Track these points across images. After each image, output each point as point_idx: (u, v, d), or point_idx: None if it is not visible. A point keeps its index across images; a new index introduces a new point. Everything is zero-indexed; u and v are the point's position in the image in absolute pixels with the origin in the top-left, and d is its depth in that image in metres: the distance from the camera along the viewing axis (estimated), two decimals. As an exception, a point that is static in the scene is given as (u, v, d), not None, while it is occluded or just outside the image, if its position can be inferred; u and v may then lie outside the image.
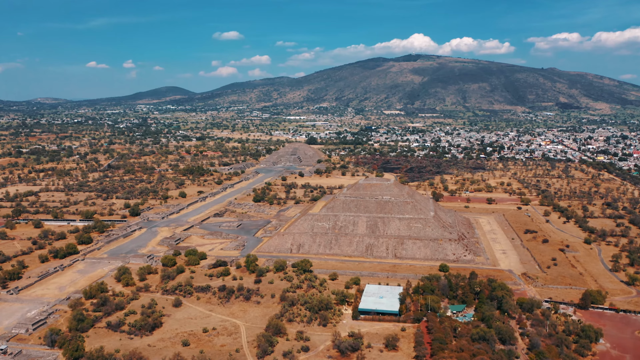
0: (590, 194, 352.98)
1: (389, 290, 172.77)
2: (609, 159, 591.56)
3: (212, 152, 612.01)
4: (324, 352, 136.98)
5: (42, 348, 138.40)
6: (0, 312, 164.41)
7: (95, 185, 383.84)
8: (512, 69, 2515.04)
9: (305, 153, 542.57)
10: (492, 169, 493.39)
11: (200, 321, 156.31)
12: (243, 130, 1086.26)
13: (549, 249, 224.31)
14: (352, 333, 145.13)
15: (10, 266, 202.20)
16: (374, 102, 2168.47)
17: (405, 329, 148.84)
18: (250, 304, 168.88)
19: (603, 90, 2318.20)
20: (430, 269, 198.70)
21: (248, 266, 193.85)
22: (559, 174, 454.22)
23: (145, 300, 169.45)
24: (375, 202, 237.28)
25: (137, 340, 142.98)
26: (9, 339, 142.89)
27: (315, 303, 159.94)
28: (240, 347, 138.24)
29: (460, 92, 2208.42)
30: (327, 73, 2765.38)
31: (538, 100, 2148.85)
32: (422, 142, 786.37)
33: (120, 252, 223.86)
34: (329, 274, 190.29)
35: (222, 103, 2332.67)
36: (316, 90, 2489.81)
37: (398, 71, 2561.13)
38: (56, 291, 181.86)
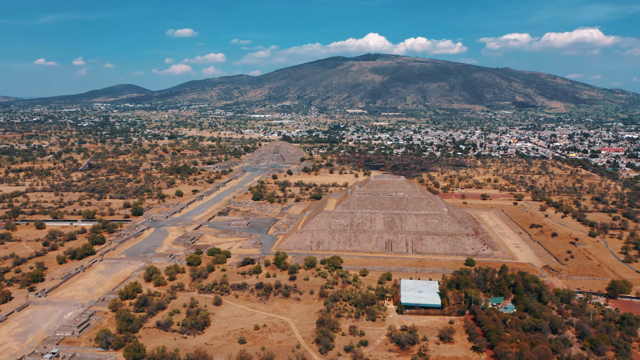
0: (577, 190, 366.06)
1: (425, 284, 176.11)
2: (580, 155, 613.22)
3: (190, 151, 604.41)
4: (382, 346, 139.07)
5: (96, 350, 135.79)
6: (35, 315, 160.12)
7: (82, 185, 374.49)
8: (469, 69, 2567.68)
9: (287, 151, 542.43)
10: (473, 166, 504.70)
11: (246, 319, 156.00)
12: (211, 128, 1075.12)
13: (559, 243, 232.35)
14: (404, 327, 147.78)
15: (29, 268, 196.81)
16: (337, 100, 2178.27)
17: (453, 322, 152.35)
18: (290, 300, 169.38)
19: (557, 89, 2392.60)
20: (456, 263, 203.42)
21: (278, 264, 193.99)
22: (538, 171, 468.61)
23: (185, 300, 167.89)
24: (390, 199, 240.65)
25: (191, 339, 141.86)
26: (58, 342, 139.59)
27: (359, 298, 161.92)
28: (298, 344, 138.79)
29: (421, 91, 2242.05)
30: (288, 71, 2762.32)
31: (495, 99, 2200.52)
32: (395, 141, 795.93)
33: (137, 252, 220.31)
34: (359, 270, 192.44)
35: (182, 101, 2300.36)
36: (277, 89, 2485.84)
37: (358, 70, 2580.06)
38: (85, 292, 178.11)
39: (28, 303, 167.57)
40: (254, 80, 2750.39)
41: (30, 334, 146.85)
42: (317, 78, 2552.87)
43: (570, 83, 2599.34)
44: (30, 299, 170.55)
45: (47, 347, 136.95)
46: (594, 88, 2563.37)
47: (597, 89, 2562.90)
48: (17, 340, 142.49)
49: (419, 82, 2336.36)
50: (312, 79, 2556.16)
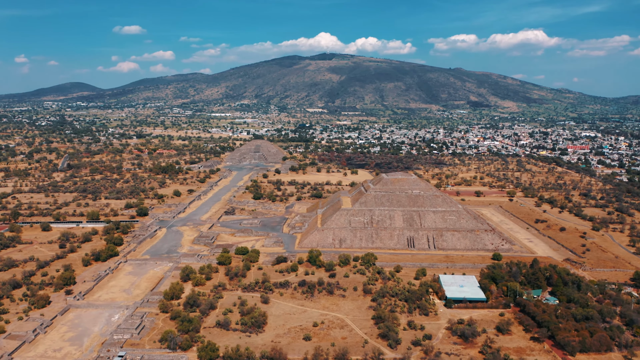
0: (562, 186, 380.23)
1: (464, 279, 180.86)
2: (550, 153, 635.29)
3: (167, 151, 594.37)
4: (445, 339, 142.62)
5: (164, 352, 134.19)
6: (81, 318, 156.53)
7: (69, 185, 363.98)
8: (423, 69, 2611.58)
9: (268, 150, 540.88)
10: (453, 164, 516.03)
11: (299, 316, 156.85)
12: (176, 127, 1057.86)
13: (569, 237, 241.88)
14: (461, 320, 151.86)
15: (55, 271, 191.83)
16: (295, 99, 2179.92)
17: (503, 314, 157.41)
18: (335, 297, 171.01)
19: (508, 89, 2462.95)
20: (482, 258, 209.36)
21: (313, 261, 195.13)
22: (517, 168, 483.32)
23: (232, 299, 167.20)
24: (406, 196, 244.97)
25: (255, 338, 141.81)
26: (121, 344, 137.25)
27: (407, 294, 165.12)
28: (365, 339, 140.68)
29: (378, 90, 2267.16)
30: (244, 70, 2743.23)
31: (450, 99, 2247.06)
32: (366, 139, 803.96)
33: (159, 253, 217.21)
34: (393, 266, 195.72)
35: (137, 100, 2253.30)
36: (234, 87, 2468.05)
37: (315, 69, 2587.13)
38: (122, 294, 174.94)
39: (69, 306, 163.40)
40: (210, 79, 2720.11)
41: (84, 337, 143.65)
42: (275, 77, 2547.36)
43: (520, 83, 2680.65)
44: (70, 302, 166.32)
45: (110, 350, 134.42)
46: (543, 88, 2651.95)
47: (546, 89, 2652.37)
48: (73, 345, 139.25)
49: (376, 81, 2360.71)
50: (269, 77, 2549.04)
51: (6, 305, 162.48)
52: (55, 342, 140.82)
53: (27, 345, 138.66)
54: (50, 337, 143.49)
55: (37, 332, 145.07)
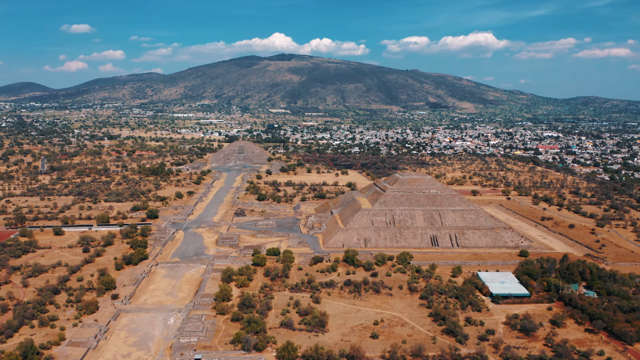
0: (550, 185, 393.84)
1: (502, 275, 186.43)
2: (524, 153, 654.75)
3: (146, 152, 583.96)
4: (507, 333, 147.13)
5: (239, 354, 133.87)
6: (136, 323, 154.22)
7: (60, 188, 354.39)
8: (382, 70, 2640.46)
9: (252, 152, 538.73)
10: (435, 164, 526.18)
11: (356, 315, 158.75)
12: (144, 128, 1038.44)
13: (580, 233, 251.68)
14: (516, 315, 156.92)
15: (90, 275, 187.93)
16: (257, 100, 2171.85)
17: (551, 309, 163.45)
18: (383, 296, 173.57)
19: (465, 90, 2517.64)
20: (509, 255, 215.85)
21: (350, 261, 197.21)
22: (500, 168, 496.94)
23: (284, 299, 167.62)
24: (424, 195, 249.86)
25: (323, 337, 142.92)
26: (193, 347, 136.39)
27: (458, 291, 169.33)
28: (432, 336, 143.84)
29: (339, 92, 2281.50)
30: (202, 70, 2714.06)
31: (410, 100, 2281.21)
32: (341, 140, 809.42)
33: (188, 255, 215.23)
34: (427, 265, 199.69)
35: (93, 100, 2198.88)
36: (193, 88, 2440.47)
37: (275, 70, 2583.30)
38: (168, 297, 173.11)
39: (119, 311, 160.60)
40: (167, 79, 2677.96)
41: (148, 342, 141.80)
42: (234, 77, 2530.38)
43: (475, 85, 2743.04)
44: (119, 306, 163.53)
45: (184, 354, 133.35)
46: (497, 89, 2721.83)
47: (500, 90, 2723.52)
48: (140, 350, 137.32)
49: (336, 82, 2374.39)
50: (229, 77, 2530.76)
51: (52, 311, 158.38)
52: (120, 347, 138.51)
53: (92, 352, 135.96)
54: (113, 343, 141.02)
55: (98, 338, 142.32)
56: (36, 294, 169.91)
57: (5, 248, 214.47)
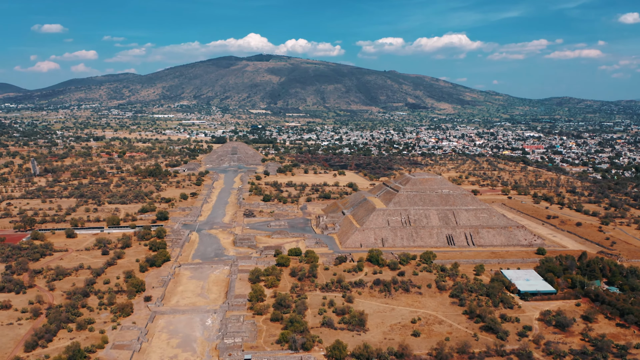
0: (546, 184, 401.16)
1: (525, 273, 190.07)
2: (513, 153, 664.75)
3: (137, 154, 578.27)
4: (543, 329, 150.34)
5: (287, 353, 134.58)
6: (174, 324, 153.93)
7: (59, 190, 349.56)
8: (361, 71, 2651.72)
9: (246, 152, 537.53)
10: (427, 164, 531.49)
11: (391, 314, 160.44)
12: (127, 129, 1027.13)
13: (588, 231, 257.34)
14: (548, 311, 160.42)
15: (116, 278, 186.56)
16: (237, 101, 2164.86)
17: (579, 304, 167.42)
18: (413, 295, 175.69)
19: (443, 91, 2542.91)
20: (527, 253, 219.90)
21: (375, 260, 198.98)
22: (492, 167, 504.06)
23: (317, 299, 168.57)
24: (437, 195, 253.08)
25: (365, 335, 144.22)
26: (241, 348, 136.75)
27: (488, 289, 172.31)
28: (473, 333, 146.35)
29: (319, 92, 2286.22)
30: (180, 70, 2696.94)
31: (389, 101, 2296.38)
32: (329, 141, 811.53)
33: (208, 256, 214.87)
34: (451, 263, 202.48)
35: (69, 101, 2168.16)
36: (171, 88, 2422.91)
37: (254, 71, 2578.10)
38: (200, 298, 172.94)
39: (154, 313, 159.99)
40: (144, 79, 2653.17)
41: (192, 343, 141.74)
42: (212, 77, 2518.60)
43: (452, 85, 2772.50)
44: (154, 308, 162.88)
45: (232, 354, 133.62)
46: (474, 90, 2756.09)
47: (477, 91, 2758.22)
48: (185, 351, 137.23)
49: (316, 83, 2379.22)
50: (207, 78, 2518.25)
51: (86, 314, 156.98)
52: (164, 349, 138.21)
53: (138, 354, 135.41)
54: (156, 345, 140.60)
55: (141, 340, 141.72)
56: (65, 298, 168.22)
57: (22, 251, 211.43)
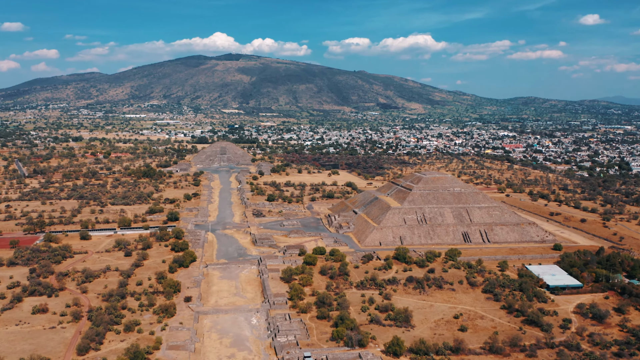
0: (537, 182, 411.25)
1: (550, 268, 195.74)
2: (495, 152, 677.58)
3: (123, 154, 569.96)
4: (581, 321, 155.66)
5: (344, 350, 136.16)
6: (221, 324, 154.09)
7: (55, 192, 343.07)
8: (331, 71, 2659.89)
9: (235, 152, 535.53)
10: (415, 163, 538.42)
11: (431, 310, 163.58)
12: (103, 130, 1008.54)
13: (594, 227, 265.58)
14: (581, 304, 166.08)
15: (147, 279, 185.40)
16: (208, 100, 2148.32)
17: (608, 297, 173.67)
18: (447, 291, 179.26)
19: (412, 92, 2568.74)
20: (543, 249, 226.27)
21: (402, 258, 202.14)
22: (480, 166, 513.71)
23: (355, 297, 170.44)
24: (450, 193, 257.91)
25: (414, 331, 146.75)
26: (298, 347, 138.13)
27: (521, 284, 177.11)
28: (519, 327, 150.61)
29: (291, 92, 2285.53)
30: (148, 69, 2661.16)
31: (361, 101, 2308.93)
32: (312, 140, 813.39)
33: (231, 256, 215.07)
34: (475, 260, 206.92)
35: (36, 101, 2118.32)
36: (140, 88, 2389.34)
37: (224, 70, 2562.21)
38: (237, 298, 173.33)
39: (197, 313, 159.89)
40: (112, 79, 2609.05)
41: (244, 342, 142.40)
42: (182, 77, 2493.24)
43: (420, 86, 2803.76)
44: (195, 309, 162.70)
45: (290, 352, 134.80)
46: (442, 90, 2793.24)
47: (445, 91, 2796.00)
48: (241, 351, 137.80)
49: (287, 83, 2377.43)
50: (176, 77, 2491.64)
51: (128, 316, 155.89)
52: (219, 349, 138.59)
53: (194, 354, 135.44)
54: (209, 345, 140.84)
55: (194, 340, 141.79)
56: (102, 300, 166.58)
57: (42, 254, 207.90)
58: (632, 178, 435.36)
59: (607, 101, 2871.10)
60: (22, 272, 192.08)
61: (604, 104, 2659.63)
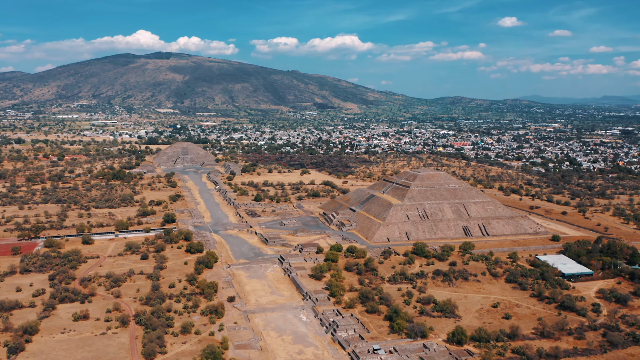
0: (502, 177, 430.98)
1: (558, 258, 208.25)
2: (446, 150, 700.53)
3: (78, 156, 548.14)
4: (606, 305, 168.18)
5: (407, 341, 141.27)
6: (272, 322, 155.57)
7: (27, 196, 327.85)
8: (266, 71, 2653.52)
9: (197, 153, 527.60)
10: (376, 162, 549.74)
11: (467, 300, 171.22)
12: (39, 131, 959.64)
13: (576, 219, 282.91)
14: (601, 289, 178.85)
15: (177, 281, 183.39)
16: (141, 100, 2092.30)
17: (620, 282, 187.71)
18: (472, 283, 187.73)
19: (347, 92, 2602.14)
20: (542, 240, 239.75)
21: (421, 253, 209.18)
22: (439, 163, 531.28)
23: (391, 291, 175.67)
24: (446, 190, 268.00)
25: (464, 321, 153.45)
26: (363, 340, 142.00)
27: (542, 273, 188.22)
28: (553, 313, 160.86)
29: (227, 91, 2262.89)
30: (74, 68, 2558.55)
31: (297, 100, 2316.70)
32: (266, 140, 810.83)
33: (249, 256, 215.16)
34: (486, 252, 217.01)
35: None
36: (67, 87, 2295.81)
37: (155, 69, 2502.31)
38: (276, 296, 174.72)
39: (244, 313, 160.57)
40: (36, 78, 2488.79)
41: (305, 339, 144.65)
42: (111, 76, 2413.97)
43: (354, 86, 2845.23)
44: (242, 308, 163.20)
45: (357, 345, 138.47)
46: (375, 91, 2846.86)
47: (377, 91, 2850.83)
48: (307, 347, 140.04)
49: (222, 82, 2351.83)
50: (105, 76, 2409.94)
51: (176, 318, 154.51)
52: (285, 346, 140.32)
53: (262, 352, 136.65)
54: (273, 343, 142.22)
55: (257, 339, 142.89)
56: (140, 304, 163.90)
57: (53, 260, 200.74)
58: (586, 172, 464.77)
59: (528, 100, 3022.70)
60: (40, 279, 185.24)
61: (525, 102, 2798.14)
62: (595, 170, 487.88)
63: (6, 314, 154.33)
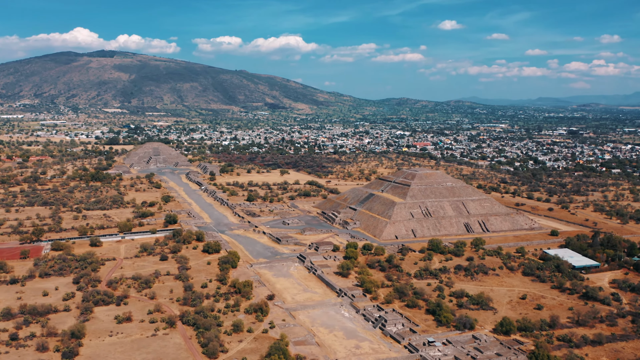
0: (475, 176, 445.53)
1: (563, 251, 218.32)
2: (410, 150, 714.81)
3: (43, 157, 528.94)
4: (623, 294, 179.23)
5: (456, 333, 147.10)
6: (318, 319, 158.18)
7: (9, 199, 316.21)
8: (215, 70, 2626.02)
9: (169, 154, 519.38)
10: (347, 161, 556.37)
11: (493, 294, 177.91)
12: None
13: (563, 215, 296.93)
14: (614, 280, 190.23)
15: (208, 281, 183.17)
16: (86, 99, 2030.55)
17: (627, 273, 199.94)
18: (492, 277, 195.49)
19: (297, 92, 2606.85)
20: (542, 236, 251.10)
21: (437, 249, 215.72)
22: (410, 163, 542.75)
23: (422, 286, 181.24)
24: (444, 188, 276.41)
25: (501, 312, 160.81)
26: (415, 333, 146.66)
27: (556, 266, 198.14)
28: (580, 303, 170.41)
29: (175, 91, 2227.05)
30: (13, 66, 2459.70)
31: (248, 100, 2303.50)
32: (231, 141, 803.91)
33: (265, 255, 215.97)
34: (496, 247, 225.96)
35: None
36: (6, 86, 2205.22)
37: (99, 67, 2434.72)
38: (310, 294, 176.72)
39: (287, 310, 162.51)
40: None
41: (356, 334, 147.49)
42: (53, 74, 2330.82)
43: (302, 86, 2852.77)
44: (283, 306, 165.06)
45: (411, 338, 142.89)
46: (324, 91, 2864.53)
47: (326, 92, 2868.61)
48: (362, 342, 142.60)
49: (170, 81, 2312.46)
50: (47, 75, 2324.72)
51: (222, 318, 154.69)
52: (340, 341, 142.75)
53: (322, 348, 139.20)
54: (327, 338, 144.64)
55: (311, 335, 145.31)
56: (179, 304, 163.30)
57: (71, 263, 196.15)
58: (553, 171, 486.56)
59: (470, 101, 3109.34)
60: (63, 282, 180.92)
61: (468, 104, 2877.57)
62: (561, 169, 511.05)
63: (43, 318, 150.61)
